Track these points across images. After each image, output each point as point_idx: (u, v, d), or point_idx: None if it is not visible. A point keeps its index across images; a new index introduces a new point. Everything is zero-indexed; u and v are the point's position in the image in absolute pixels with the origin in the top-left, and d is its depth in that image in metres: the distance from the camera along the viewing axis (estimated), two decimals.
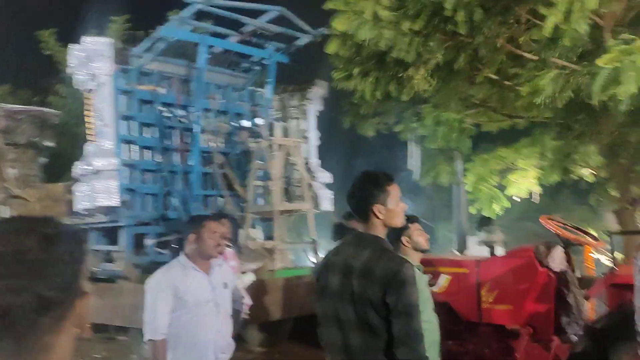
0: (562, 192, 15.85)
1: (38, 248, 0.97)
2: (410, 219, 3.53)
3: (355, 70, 7.58)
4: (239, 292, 3.68)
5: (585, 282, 4.12)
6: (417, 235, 3.50)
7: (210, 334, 3.28)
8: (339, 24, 6.64)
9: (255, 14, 8.11)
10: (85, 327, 1.05)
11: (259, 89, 10.10)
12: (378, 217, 2.43)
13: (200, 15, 7.72)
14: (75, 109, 15.87)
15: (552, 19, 5.36)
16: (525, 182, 11.25)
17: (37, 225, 1.02)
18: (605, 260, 7.89)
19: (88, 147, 7.39)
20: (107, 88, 7.26)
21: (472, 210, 11.53)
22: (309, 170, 9.42)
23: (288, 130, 9.93)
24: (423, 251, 3.45)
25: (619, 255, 8.70)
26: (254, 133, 9.74)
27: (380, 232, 2.47)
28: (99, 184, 6.84)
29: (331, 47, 7.34)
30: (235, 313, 3.63)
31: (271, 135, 9.16)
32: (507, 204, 11.11)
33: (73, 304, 1.01)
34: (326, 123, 10.05)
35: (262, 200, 9.28)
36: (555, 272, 4.15)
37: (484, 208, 11.00)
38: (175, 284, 3.21)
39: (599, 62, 5.37)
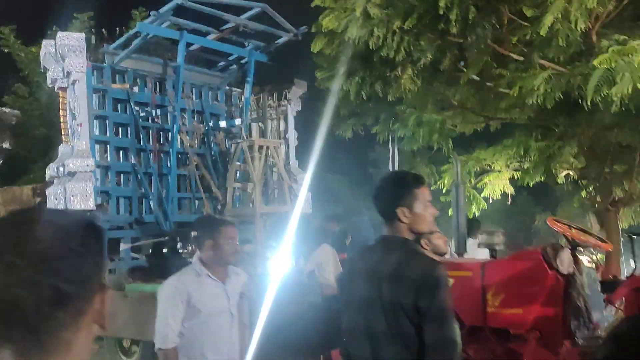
0: (542, 194, 16.08)
1: (52, 240, 0.92)
2: None
3: (341, 70, 7.43)
4: (256, 303, 3.46)
5: (606, 286, 4.05)
6: (436, 238, 3.38)
7: (224, 346, 3.06)
8: (328, 22, 6.48)
9: (236, 10, 7.86)
10: (105, 323, 0.99)
11: (235, 89, 9.85)
12: (402, 221, 2.26)
13: (179, 11, 7.42)
14: (33, 109, 15.29)
15: (550, 17, 5.32)
16: (499, 183, 11.31)
17: (50, 216, 0.99)
18: (587, 263, 7.94)
19: (61, 148, 7.00)
20: (81, 85, 6.89)
21: (450, 211, 11.50)
22: (288, 172, 9.21)
23: (265, 131, 9.70)
24: (441, 255, 3.33)
25: (600, 256, 8.78)
26: (230, 134, 9.49)
27: (407, 236, 2.31)
28: (73, 187, 6.46)
29: (316, 46, 7.19)
30: (251, 326, 3.41)
31: (249, 136, 8.93)
32: (483, 205, 11.15)
33: (92, 298, 0.96)
34: (303, 123, 9.87)
35: (239, 203, 9.05)
36: (563, 275, 4.06)
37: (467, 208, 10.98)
38: (188, 292, 2.99)
39: (595, 62, 5.35)
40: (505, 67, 7.52)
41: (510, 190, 11.52)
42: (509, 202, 13.12)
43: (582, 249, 4.59)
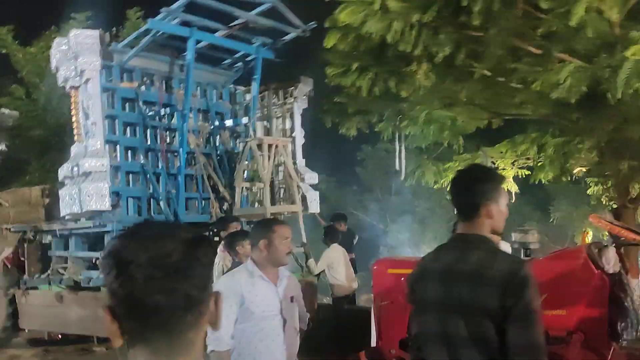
0: (530, 193, 15.96)
1: (180, 251, 1.03)
2: None
3: (354, 65, 7.26)
4: (304, 309, 3.30)
5: None
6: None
7: (277, 351, 2.91)
8: (345, 15, 6.30)
9: (245, 6, 7.67)
10: (219, 323, 1.11)
11: (240, 87, 9.67)
12: (487, 217, 2.12)
13: (188, 7, 7.23)
14: (30, 111, 15.01)
15: (582, 6, 5.17)
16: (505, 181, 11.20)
17: (174, 230, 1.09)
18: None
19: (75, 148, 6.81)
20: (94, 84, 6.71)
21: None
22: (296, 170, 9.04)
23: (270, 130, 9.53)
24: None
25: None
26: (235, 133, 9.32)
27: (486, 234, 2.17)
28: (89, 187, 6.28)
29: (330, 41, 7.00)
30: (300, 331, 3.26)
31: (255, 134, 8.75)
32: None
33: (209, 302, 1.09)
34: (308, 122, 9.70)
35: (247, 203, 8.87)
36: (608, 274, 3.93)
37: None
38: (241, 293, 2.85)
39: (627, 53, 5.21)
40: (519, 61, 7.38)
41: (514, 188, 11.41)
42: (513, 201, 13.01)
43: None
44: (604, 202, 9.17)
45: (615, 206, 8.29)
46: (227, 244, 4.79)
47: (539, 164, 9.07)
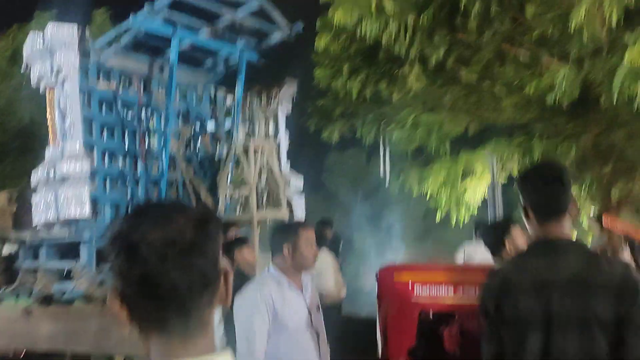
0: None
1: (192, 228, 1.01)
2: (511, 220, 3.18)
3: (345, 67, 7.12)
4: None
5: None
6: (519, 238, 3.11)
7: None
8: (340, 16, 6.14)
9: (229, 5, 7.42)
10: (229, 300, 1.08)
11: (220, 88, 9.39)
12: (569, 218, 1.95)
13: (172, 5, 6.95)
14: None
15: (581, 10, 5.13)
16: (482, 187, 11.20)
17: (182, 208, 1.06)
18: None
19: (50, 151, 6.39)
20: (72, 82, 6.32)
21: (438, 217, 11.36)
22: (282, 175, 8.81)
23: (255, 134, 9.28)
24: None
25: None
26: (218, 137, 9.04)
27: (569, 236, 1.99)
28: (67, 192, 5.90)
29: (321, 42, 6.85)
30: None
31: (239, 138, 8.50)
32: (474, 211, 11.00)
33: (220, 279, 1.06)
34: (292, 126, 9.49)
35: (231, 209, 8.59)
36: None
37: (452, 214, 10.84)
38: (272, 303, 2.61)
39: (626, 57, 5.19)
40: (505, 66, 7.37)
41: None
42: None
43: None
44: (585, 206, 9.24)
45: (597, 209, 8.36)
46: (225, 251, 4.52)
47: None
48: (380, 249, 21.90)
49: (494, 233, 3.28)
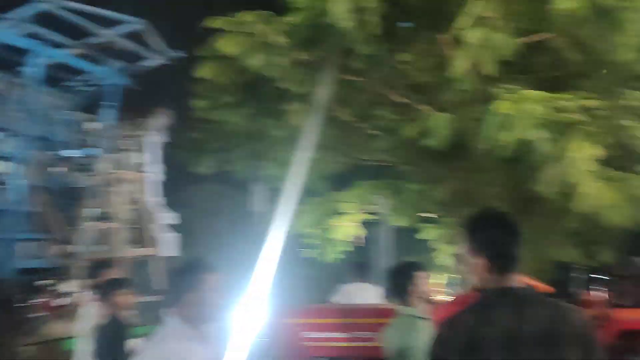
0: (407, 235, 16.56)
1: None
2: (416, 265, 3.12)
3: (228, 100, 6.85)
4: None
5: None
6: (424, 284, 3.07)
7: None
8: (226, 46, 5.91)
9: (105, 24, 6.91)
10: None
11: (87, 114, 8.70)
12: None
13: (38, 19, 6.30)
14: None
15: (464, 61, 5.41)
16: (350, 226, 11.37)
17: None
18: None
19: None
20: None
21: (308, 255, 11.29)
22: (151, 209, 8.25)
23: (122, 164, 8.66)
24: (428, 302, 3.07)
25: None
26: (82, 165, 8.30)
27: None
28: None
29: (205, 71, 6.53)
30: None
31: (105, 168, 7.88)
32: (345, 247, 11.08)
33: None
34: (168, 158, 8.96)
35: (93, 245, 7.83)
36: None
37: (323, 252, 10.82)
38: None
39: (500, 107, 5.53)
40: (380, 109, 7.60)
41: (363, 233, 11.65)
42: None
43: None
44: (442, 248, 9.70)
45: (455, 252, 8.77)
46: (102, 294, 3.98)
47: (395, 209, 9.33)
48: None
49: (395, 278, 3.17)
